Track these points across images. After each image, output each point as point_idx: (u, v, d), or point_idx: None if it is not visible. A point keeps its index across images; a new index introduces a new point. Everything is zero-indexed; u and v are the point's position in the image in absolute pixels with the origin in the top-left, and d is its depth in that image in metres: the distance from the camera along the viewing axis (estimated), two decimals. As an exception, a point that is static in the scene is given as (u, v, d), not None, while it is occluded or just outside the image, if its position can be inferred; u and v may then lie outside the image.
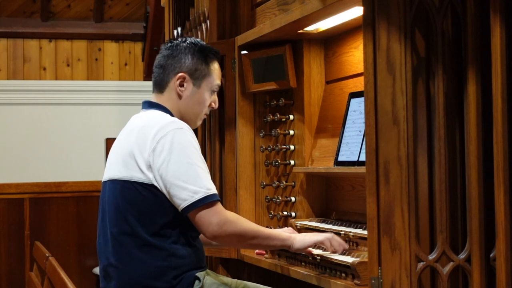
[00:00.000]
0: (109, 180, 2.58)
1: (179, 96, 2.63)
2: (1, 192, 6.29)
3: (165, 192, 2.45)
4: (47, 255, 3.76)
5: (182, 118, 2.64)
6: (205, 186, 2.44)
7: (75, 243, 6.42)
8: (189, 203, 2.42)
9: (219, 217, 2.44)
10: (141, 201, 2.46)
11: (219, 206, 2.46)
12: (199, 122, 2.73)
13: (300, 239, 2.61)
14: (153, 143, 2.45)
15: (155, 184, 2.45)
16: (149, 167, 2.45)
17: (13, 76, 6.52)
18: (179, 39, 2.70)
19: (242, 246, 3.05)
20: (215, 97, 2.72)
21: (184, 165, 2.43)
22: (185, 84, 2.63)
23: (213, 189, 2.46)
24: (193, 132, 2.55)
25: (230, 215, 2.50)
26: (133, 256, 2.46)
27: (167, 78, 2.64)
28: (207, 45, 2.71)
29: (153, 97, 2.68)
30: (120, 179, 2.50)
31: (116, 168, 2.54)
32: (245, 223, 2.52)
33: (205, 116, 2.73)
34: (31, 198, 6.35)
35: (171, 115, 2.61)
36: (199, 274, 2.50)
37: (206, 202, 2.42)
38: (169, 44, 2.69)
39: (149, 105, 2.66)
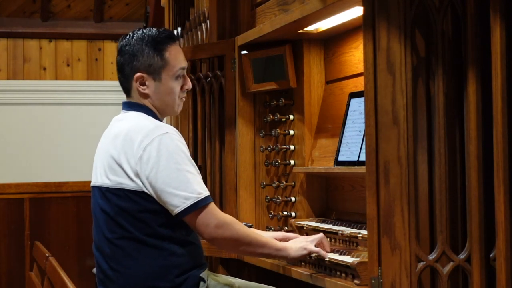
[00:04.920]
0: (98, 187, 2.56)
1: (145, 95, 2.57)
2: (1, 192, 6.29)
3: (156, 198, 2.44)
4: (47, 255, 3.76)
5: (159, 111, 2.60)
6: (196, 191, 2.42)
7: (75, 243, 6.41)
8: (181, 209, 2.41)
9: (216, 220, 2.44)
10: (134, 207, 2.45)
11: (212, 208, 2.45)
12: (178, 108, 2.65)
13: (296, 249, 2.59)
14: (139, 151, 2.43)
15: (145, 191, 2.43)
16: (137, 175, 2.43)
17: (13, 76, 6.52)
18: (129, 35, 2.60)
19: (237, 251, 3.00)
20: (186, 79, 2.62)
21: (173, 171, 2.41)
22: (146, 82, 2.56)
23: (204, 192, 2.44)
24: (180, 135, 2.51)
25: (228, 218, 2.50)
26: (134, 258, 2.45)
27: (128, 82, 2.59)
28: (156, 32, 2.58)
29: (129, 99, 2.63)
30: (110, 187, 2.49)
31: (103, 174, 2.52)
32: (242, 228, 2.52)
33: (183, 100, 2.66)
34: (31, 198, 6.35)
35: (152, 112, 2.57)
36: (204, 275, 2.51)
37: (198, 207, 2.42)
38: (121, 44, 2.61)
39: (128, 106, 2.61)
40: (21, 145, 6.39)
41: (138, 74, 2.56)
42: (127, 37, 2.61)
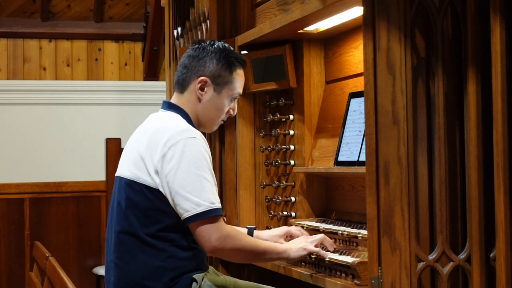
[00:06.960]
0: (119, 177, 2.59)
1: (198, 100, 2.62)
2: (1, 192, 6.29)
3: (170, 199, 2.45)
4: (47, 255, 3.77)
5: (198, 121, 2.65)
6: (209, 199, 2.43)
7: (75, 243, 6.41)
8: (190, 215, 2.42)
9: (220, 233, 2.44)
10: (145, 203, 2.47)
11: (220, 221, 2.45)
12: (215, 127, 2.73)
13: (295, 250, 2.60)
14: (164, 149, 2.45)
15: (161, 189, 2.45)
16: (157, 172, 2.45)
17: (13, 76, 6.52)
18: (208, 41, 2.69)
19: (240, 261, 3.02)
20: (235, 104, 2.72)
21: (192, 175, 2.43)
22: (205, 89, 2.62)
23: (217, 204, 2.45)
24: (206, 142, 2.54)
25: (230, 230, 2.50)
26: (132, 255, 2.47)
27: (189, 80, 2.63)
28: (235, 52, 2.70)
29: (173, 97, 2.68)
30: (129, 179, 2.51)
31: (126, 166, 2.56)
32: (245, 239, 2.52)
33: (222, 122, 2.73)
34: (31, 198, 6.35)
35: (189, 118, 2.61)
36: (197, 276, 2.50)
37: (207, 216, 2.42)
38: (197, 46, 2.67)
39: (168, 106, 2.66)
40: (21, 145, 6.39)
41: (203, 78, 2.62)
42: (208, 42, 2.69)
